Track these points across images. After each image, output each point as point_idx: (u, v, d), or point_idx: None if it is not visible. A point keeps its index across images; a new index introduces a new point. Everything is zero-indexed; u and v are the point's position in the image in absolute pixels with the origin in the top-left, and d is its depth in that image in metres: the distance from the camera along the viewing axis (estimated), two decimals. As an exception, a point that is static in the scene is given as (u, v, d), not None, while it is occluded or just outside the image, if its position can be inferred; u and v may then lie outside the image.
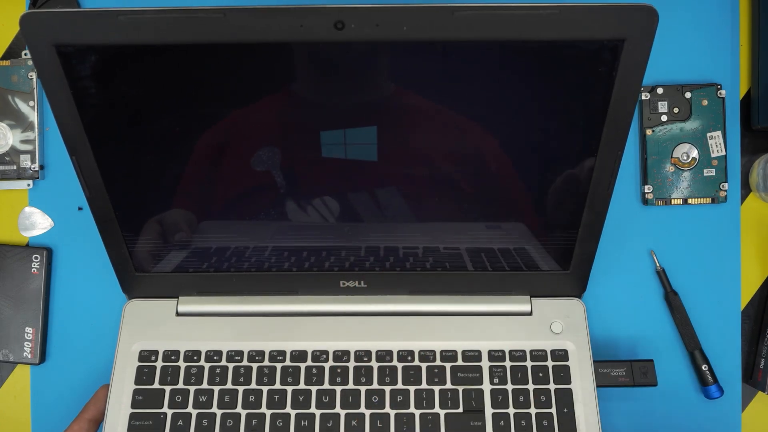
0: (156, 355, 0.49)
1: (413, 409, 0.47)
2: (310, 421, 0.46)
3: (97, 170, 0.45)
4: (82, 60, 0.40)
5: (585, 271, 0.50)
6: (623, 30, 0.39)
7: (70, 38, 0.39)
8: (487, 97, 0.43)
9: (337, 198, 0.47)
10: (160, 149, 0.45)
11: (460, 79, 0.42)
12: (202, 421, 0.47)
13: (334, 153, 0.44)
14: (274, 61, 0.41)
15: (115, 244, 0.49)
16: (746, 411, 0.54)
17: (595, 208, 0.47)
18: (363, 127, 0.43)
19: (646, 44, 0.39)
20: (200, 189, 0.47)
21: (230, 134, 0.44)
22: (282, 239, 0.49)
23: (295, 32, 0.39)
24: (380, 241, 0.49)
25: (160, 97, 0.42)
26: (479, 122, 0.44)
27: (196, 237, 0.49)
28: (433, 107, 0.43)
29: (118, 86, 0.42)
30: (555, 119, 0.43)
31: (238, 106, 0.43)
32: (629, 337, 0.53)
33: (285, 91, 0.42)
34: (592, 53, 0.40)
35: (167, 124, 0.44)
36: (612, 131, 0.43)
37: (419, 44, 0.40)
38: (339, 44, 0.39)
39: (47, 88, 0.41)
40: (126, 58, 0.40)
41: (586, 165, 0.45)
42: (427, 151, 0.45)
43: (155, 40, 0.39)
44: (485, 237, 0.49)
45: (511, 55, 0.41)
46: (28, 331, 0.54)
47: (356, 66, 0.41)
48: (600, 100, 0.42)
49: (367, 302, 0.51)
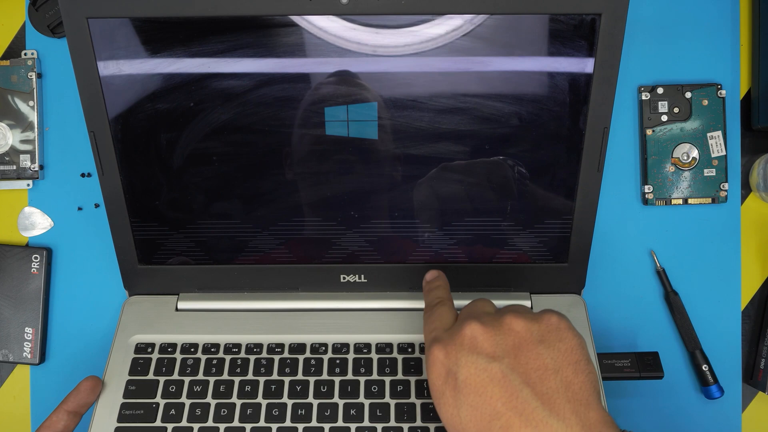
0: (153, 347, 0.49)
1: (414, 398, 0.46)
2: (307, 410, 0.46)
3: (113, 148, 0.47)
4: (111, 34, 0.44)
5: (582, 262, 0.51)
6: (599, 4, 0.43)
7: (103, 11, 0.43)
8: (470, 78, 0.45)
9: (339, 189, 0.48)
10: (174, 130, 0.47)
11: (444, 58, 0.44)
12: (196, 410, 0.46)
13: (337, 130, 0.46)
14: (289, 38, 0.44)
15: (122, 232, 0.50)
16: (746, 411, 0.53)
17: (587, 190, 0.48)
18: (363, 103, 0.45)
19: (621, 17, 0.43)
20: (210, 175, 0.48)
21: (249, 120, 0.46)
22: (284, 231, 0.50)
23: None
24: (380, 233, 0.50)
25: (180, 75, 0.45)
26: (467, 104, 0.46)
27: (199, 228, 0.50)
28: (424, 89, 0.45)
29: (142, 62, 0.44)
30: (540, 99, 0.45)
31: (256, 89, 0.45)
32: (629, 337, 0.53)
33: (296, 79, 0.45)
34: (571, 27, 0.43)
35: (184, 103, 0.46)
36: (596, 107, 0.45)
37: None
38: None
39: (76, 60, 0.45)
40: (155, 32, 0.44)
41: (575, 144, 0.47)
42: (423, 134, 0.46)
43: (180, 13, 0.43)
44: (483, 227, 0.49)
45: (494, 33, 0.43)
46: (27, 331, 0.54)
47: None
48: (582, 76, 0.45)
49: (367, 299, 0.52)
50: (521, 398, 0.35)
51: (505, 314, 0.39)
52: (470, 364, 0.37)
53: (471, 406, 0.36)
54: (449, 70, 0.44)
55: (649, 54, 0.54)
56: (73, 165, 0.55)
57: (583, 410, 0.35)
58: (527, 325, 0.38)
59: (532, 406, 0.35)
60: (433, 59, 0.44)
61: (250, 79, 0.45)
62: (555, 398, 0.35)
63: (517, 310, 0.40)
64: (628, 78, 0.54)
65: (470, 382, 0.37)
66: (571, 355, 0.37)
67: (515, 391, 0.36)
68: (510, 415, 0.35)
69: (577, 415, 0.35)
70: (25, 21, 0.55)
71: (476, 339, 0.38)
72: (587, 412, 0.35)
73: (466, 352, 0.38)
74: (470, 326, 0.38)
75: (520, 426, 0.35)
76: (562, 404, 0.35)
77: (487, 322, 0.39)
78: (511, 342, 0.37)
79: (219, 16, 0.43)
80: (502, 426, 0.35)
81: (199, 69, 0.45)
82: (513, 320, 0.38)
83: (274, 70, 0.44)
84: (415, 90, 0.45)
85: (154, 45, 0.44)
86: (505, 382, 0.36)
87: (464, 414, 0.36)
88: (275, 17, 0.43)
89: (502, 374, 0.36)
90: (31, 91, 0.54)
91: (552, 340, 0.37)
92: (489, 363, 0.37)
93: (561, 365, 0.36)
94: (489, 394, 0.36)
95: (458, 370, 0.37)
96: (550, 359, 0.37)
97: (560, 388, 0.36)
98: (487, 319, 0.39)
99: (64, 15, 0.43)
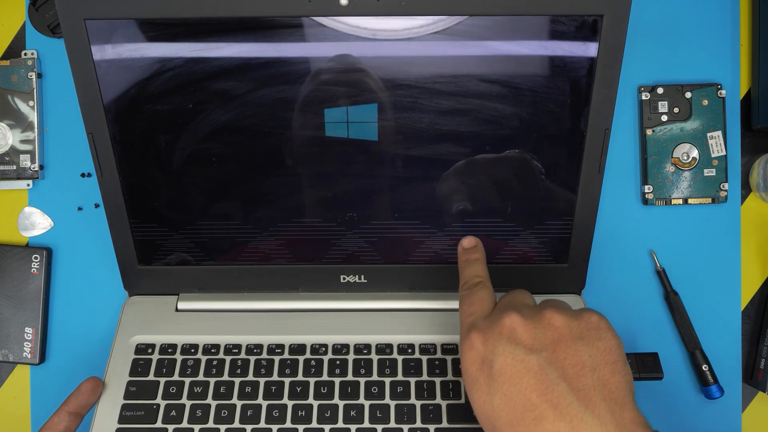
0: (153, 348, 0.49)
1: (414, 399, 0.46)
2: (307, 411, 0.46)
3: (111, 150, 0.47)
4: (108, 35, 0.44)
5: (583, 263, 0.51)
6: (601, 5, 0.43)
7: (101, 12, 0.43)
8: (473, 80, 0.45)
9: (339, 190, 0.48)
10: (173, 132, 0.46)
11: (450, 55, 0.44)
12: (196, 411, 0.46)
13: (336, 132, 0.46)
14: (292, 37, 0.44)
15: (122, 232, 0.50)
16: (746, 411, 0.53)
17: (587, 191, 0.48)
18: (363, 105, 0.45)
19: (623, 18, 0.43)
20: (210, 176, 0.48)
21: (250, 119, 0.46)
22: (284, 231, 0.50)
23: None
24: (380, 234, 0.50)
25: (178, 76, 0.45)
26: (468, 105, 0.46)
27: (199, 229, 0.50)
28: (425, 87, 0.45)
29: (140, 63, 0.44)
30: (541, 100, 0.45)
31: (255, 90, 0.45)
32: (630, 337, 0.53)
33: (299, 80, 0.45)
34: (573, 28, 0.43)
35: (183, 104, 0.46)
36: (598, 108, 0.45)
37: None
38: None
39: (73, 61, 0.44)
40: (152, 33, 0.44)
41: (576, 145, 0.47)
42: (423, 136, 0.46)
43: (179, 15, 0.43)
44: (483, 227, 0.49)
45: (497, 34, 0.44)
46: (27, 331, 0.54)
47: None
48: (583, 78, 0.45)
49: (367, 299, 0.52)
50: (557, 392, 0.35)
51: (546, 308, 0.39)
52: (507, 353, 0.37)
53: (505, 395, 0.36)
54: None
55: (649, 54, 0.54)
56: (73, 165, 0.55)
57: (618, 409, 0.35)
58: (567, 321, 0.38)
59: (568, 400, 0.35)
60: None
61: (249, 73, 0.45)
62: (591, 395, 0.35)
63: (557, 305, 0.40)
64: (628, 78, 0.54)
65: (506, 371, 0.37)
66: (609, 354, 0.37)
67: (551, 384, 0.36)
68: (544, 407, 0.35)
69: (612, 414, 0.35)
70: (25, 21, 0.55)
71: (515, 330, 0.38)
72: (622, 412, 0.35)
73: (504, 341, 0.38)
74: (510, 317, 0.38)
75: (553, 419, 0.35)
76: (597, 402, 0.35)
77: (528, 315, 0.39)
78: (550, 336, 0.37)
79: (217, 18, 0.43)
80: (536, 417, 0.35)
81: (198, 69, 0.45)
82: (553, 315, 0.38)
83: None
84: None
85: (151, 46, 0.44)
86: (542, 375, 0.36)
87: (497, 402, 0.36)
88: (275, 18, 0.43)
89: (539, 366, 0.36)
90: (31, 91, 0.54)
91: (591, 338, 0.37)
92: (527, 354, 0.37)
93: (598, 363, 0.36)
94: (524, 385, 0.36)
95: (494, 359, 0.37)
96: (588, 357, 0.37)
97: (597, 385, 0.36)
98: (528, 312, 0.39)
99: (61, 16, 0.43)
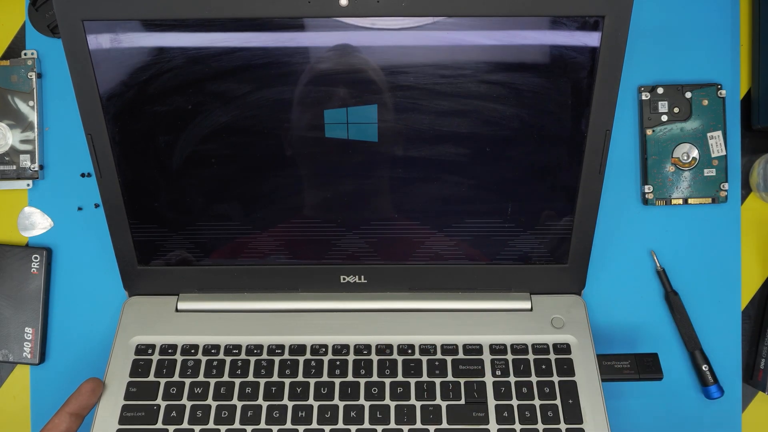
0: (153, 349, 0.49)
1: (414, 400, 0.46)
2: (307, 412, 0.46)
3: (110, 151, 0.47)
4: (106, 36, 0.43)
5: (583, 263, 0.50)
6: (602, 6, 0.42)
7: (99, 13, 0.43)
8: (473, 85, 0.45)
9: (338, 190, 0.48)
10: (172, 133, 0.46)
11: (450, 56, 0.44)
12: (197, 412, 0.46)
13: (336, 133, 0.46)
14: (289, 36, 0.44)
15: (121, 233, 0.50)
16: (746, 411, 0.53)
17: (588, 192, 0.48)
18: (363, 106, 0.45)
19: (624, 19, 0.43)
20: (210, 177, 0.48)
21: (247, 119, 0.46)
22: (283, 231, 0.50)
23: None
24: (380, 235, 0.50)
25: (178, 77, 0.45)
26: (469, 106, 0.45)
27: (199, 229, 0.50)
28: (425, 89, 0.45)
29: (138, 64, 0.44)
30: (542, 100, 0.45)
31: (254, 91, 0.45)
32: (629, 337, 0.53)
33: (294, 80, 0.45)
34: (575, 30, 0.43)
35: (182, 105, 0.45)
36: (598, 109, 0.45)
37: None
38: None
39: (72, 62, 0.44)
40: (151, 34, 0.44)
41: (577, 146, 0.46)
42: (423, 137, 0.46)
43: (178, 15, 0.43)
44: (483, 228, 0.49)
45: (498, 35, 0.43)
46: (27, 331, 0.54)
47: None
48: (585, 79, 0.44)
49: (367, 299, 0.51)
50: None
51: None
52: None
53: None
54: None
55: (649, 54, 0.54)
56: (73, 165, 0.55)
57: None
58: None
59: None
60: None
61: (248, 74, 0.44)
62: None
63: None
64: (628, 78, 0.54)
65: None
66: None
67: None
68: None
69: None
70: (25, 21, 0.55)
71: None
72: None
73: None
74: None
75: None
76: None
77: None
78: None
79: (216, 18, 0.43)
80: None
81: (197, 70, 0.44)
82: None
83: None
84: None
85: (150, 47, 0.44)
86: None
87: None
88: (274, 19, 0.43)
89: None
90: (31, 91, 0.54)
91: None
92: None
93: None
94: None
95: None
96: None
97: None
98: None
99: (59, 17, 0.43)
